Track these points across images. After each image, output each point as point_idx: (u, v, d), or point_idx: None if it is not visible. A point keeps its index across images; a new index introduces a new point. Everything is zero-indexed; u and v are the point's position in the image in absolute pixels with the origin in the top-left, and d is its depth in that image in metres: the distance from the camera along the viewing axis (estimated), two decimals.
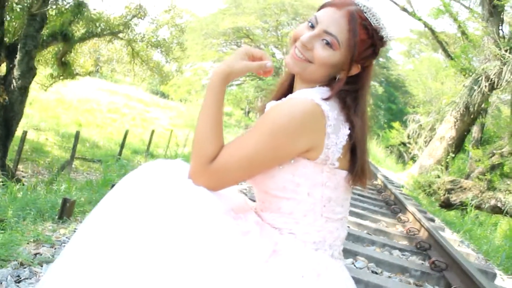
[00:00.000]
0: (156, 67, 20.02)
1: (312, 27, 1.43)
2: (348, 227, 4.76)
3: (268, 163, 1.36)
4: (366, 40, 1.42)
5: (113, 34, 17.19)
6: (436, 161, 15.62)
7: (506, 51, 13.77)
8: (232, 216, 1.38)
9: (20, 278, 2.31)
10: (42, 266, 2.46)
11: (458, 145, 15.89)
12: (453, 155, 15.29)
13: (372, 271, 3.43)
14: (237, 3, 35.50)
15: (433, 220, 6.56)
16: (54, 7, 12.28)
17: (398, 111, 35.74)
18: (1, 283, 2.22)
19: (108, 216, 1.28)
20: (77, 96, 26.21)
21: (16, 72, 11.01)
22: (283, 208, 1.41)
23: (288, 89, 1.57)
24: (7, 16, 11.41)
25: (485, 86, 14.17)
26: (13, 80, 11.00)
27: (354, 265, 3.44)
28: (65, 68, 16.11)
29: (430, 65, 33.55)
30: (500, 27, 15.17)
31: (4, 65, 11.49)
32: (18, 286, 2.23)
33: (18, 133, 11.86)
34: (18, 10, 11.65)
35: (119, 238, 1.23)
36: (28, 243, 2.78)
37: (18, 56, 10.97)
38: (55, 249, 2.76)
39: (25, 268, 2.41)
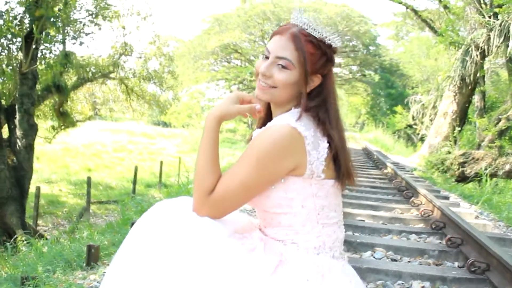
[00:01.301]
0: (152, 99, 20.25)
1: (267, 57, 1.59)
2: (363, 220, 4.87)
3: (260, 187, 1.52)
4: (315, 52, 1.56)
5: (104, 75, 17.47)
6: (443, 137, 15.63)
7: (489, 17, 13.83)
8: (237, 237, 1.54)
9: None
10: None
11: (462, 118, 15.90)
12: (459, 129, 15.30)
13: (392, 259, 3.54)
14: (219, 21, 35.79)
15: (447, 198, 6.64)
16: (43, 62, 12.51)
17: (398, 95, 35.65)
18: None
19: (130, 257, 1.45)
20: (81, 142, 26.47)
21: (18, 132, 11.23)
22: (283, 222, 1.56)
23: (268, 116, 1.71)
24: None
25: (476, 55, 14.21)
26: (17, 140, 11.22)
27: (373, 257, 3.55)
28: (64, 118, 16.35)
29: (420, 44, 33.61)
30: None
31: (5, 127, 11.70)
32: None
33: (32, 189, 12.05)
34: (9, 71, 11.89)
35: (145, 273, 1.39)
36: None
37: (17, 116, 11.20)
38: None
39: None
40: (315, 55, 1.56)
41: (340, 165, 1.56)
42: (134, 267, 1.41)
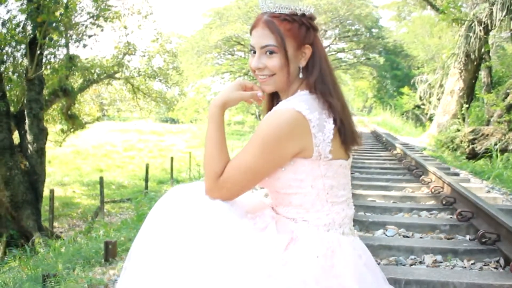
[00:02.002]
0: (159, 96, 20.34)
1: (255, 52, 1.66)
2: (375, 200, 4.91)
3: (267, 170, 1.58)
4: (292, 27, 1.61)
5: (110, 76, 17.56)
6: (452, 115, 15.59)
7: None
8: (250, 217, 1.61)
9: None
10: None
11: (469, 95, 15.84)
12: (467, 106, 15.24)
13: (403, 236, 3.58)
14: (220, 14, 35.77)
15: (457, 175, 6.66)
16: (48, 67, 12.62)
17: (404, 76, 35.50)
18: None
19: (149, 239, 1.52)
20: (91, 143, 26.69)
21: (29, 137, 11.35)
22: (294, 201, 1.62)
23: (276, 101, 1.74)
24: (7, 86, 11.77)
25: (480, 30, 14.14)
26: (28, 145, 11.35)
27: (386, 234, 3.60)
28: (73, 121, 16.51)
29: (423, 24, 33.33)
30: None
31: (16, 133, 11.84)
32: None
33: (45, 193, 12.19)
34: (16, 78, 12.02)
35: (162, 255, 1.46)
36: None
37: (27, 122, 11.32)
38: None
39: None
40: (293, 28, 1.61)
41: (345, 130, 1.60)
42: (153, 248, 1.48)
